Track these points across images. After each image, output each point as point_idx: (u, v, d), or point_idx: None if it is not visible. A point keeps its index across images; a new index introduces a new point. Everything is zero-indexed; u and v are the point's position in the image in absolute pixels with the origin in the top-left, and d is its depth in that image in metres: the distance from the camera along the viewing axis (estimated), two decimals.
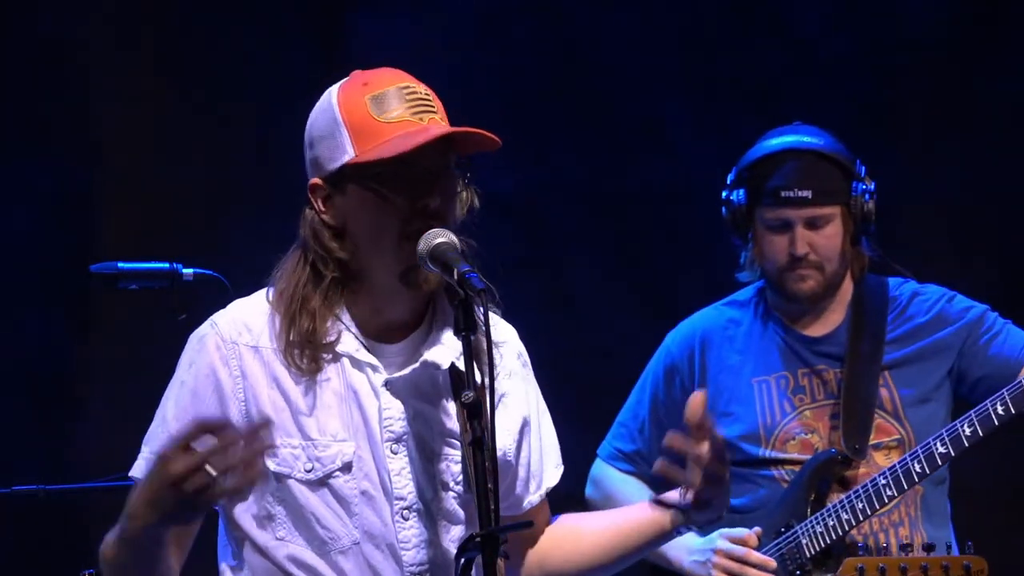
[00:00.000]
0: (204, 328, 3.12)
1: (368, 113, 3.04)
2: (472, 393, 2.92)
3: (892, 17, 6.01)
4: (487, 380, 2.88)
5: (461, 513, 3.12)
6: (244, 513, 3.09)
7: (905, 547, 4.08)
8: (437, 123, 3.06)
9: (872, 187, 4.34)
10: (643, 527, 3.25)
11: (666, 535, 3.25)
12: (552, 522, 3.34)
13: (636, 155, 6.08)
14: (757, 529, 4.20)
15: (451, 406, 3.10)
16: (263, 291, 3.15)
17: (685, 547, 4.27)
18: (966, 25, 5.98)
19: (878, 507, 4.14)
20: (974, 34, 5.98)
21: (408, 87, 3.07)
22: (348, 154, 3.04)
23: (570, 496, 4.49)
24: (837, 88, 5.98)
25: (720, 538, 4.20)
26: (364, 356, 3.09)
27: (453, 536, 3.11)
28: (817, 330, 4.39)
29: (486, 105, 5.81)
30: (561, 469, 3.32)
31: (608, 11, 6.07)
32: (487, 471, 2.88)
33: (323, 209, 3.08)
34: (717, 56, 6.06)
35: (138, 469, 3.10)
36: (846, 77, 6.00)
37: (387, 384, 3.09)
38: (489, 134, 3.05)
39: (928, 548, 4.07)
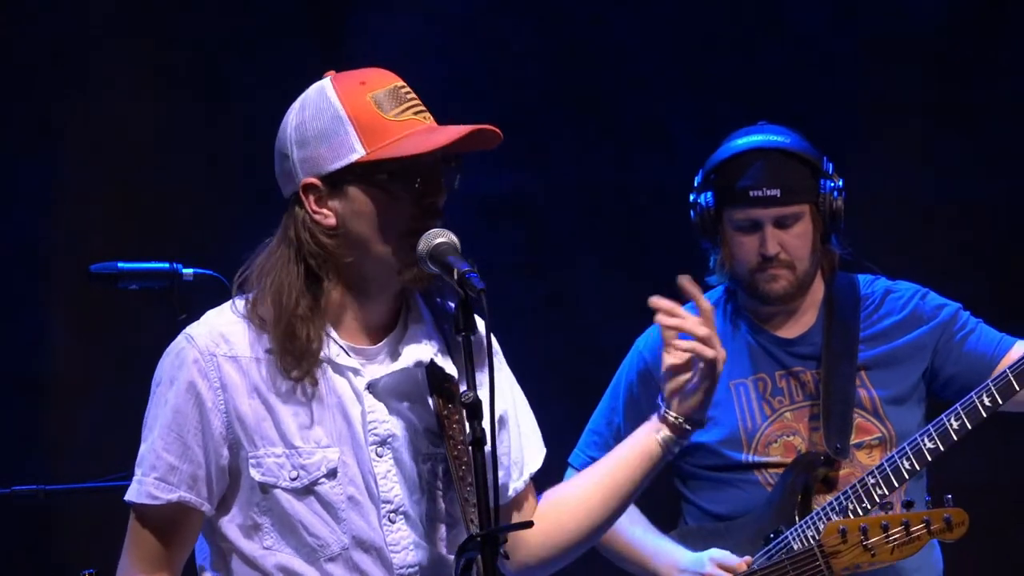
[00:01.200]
0: (180, 342, 3.09)
1: (375, 112, 3.04)
2: (472, 393, 2.91)
3: (892, 16, 6.00)
4: (486, 380, 2.87)
5: (448, 512, 3.10)
6: (229, 524, 3.07)
7: (885, 505, 4.08)
8: (433, 122, 3.07)
9: (840, 184, 4.32)
10: (631, 466, 3.21)
11: (658, 461, 3.20)
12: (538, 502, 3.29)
13: (636, 155, 6.08)
14: (747, 558, 4.18)
15: (432, 404, 3.09)
16: (231, 301, 3.12)
17: (674, 563, 4.24)
18: (966, 25, 5.98)
19: (868, 507, 4.13)
20: (974, 34, 5.98)
21: (403, 87, 3.08)
22: (357, 152, 3.03)
23: None
24: (837, 87, 5.98)
25: (710, 562, 4.18)
26: (345, 360, 3.07)
27: (442, 536, 3.10)
28: (790, 331, 4.37)
29: (486, 105, 5.82)
30: (543, 453, 3.28)
31: (608, 11, 6.07)
32: (487, 470, 2.88)
33: (316, 209, 3.07)
34: (717, 56, 6.05)
35: (132, 493, 3.07)
36: (846, 76, 6.00)
37: (369, 387, 3.07)
38: (496, 130, 3.05)
39: (908, 505, 4.07)
